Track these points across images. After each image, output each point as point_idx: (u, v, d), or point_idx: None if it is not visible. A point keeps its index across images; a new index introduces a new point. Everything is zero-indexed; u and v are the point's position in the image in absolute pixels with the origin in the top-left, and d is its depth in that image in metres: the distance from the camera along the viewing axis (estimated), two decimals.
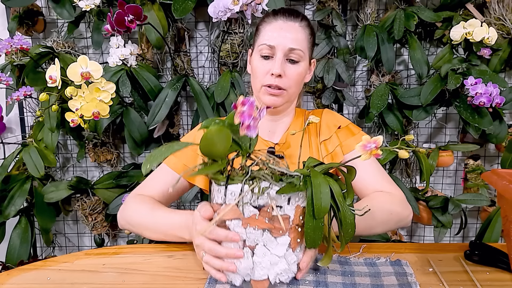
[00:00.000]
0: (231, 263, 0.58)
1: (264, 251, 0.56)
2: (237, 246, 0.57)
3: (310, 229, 0.54)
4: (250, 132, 0.52)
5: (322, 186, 0.53)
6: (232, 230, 0.56)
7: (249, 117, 0.51)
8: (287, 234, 0.56)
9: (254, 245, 0.56)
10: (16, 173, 1.48)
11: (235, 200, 0.55)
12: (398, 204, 0.82)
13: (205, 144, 0.52)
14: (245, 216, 0.55)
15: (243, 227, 0.55)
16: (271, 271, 0.57)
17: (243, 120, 0.51)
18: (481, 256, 0.69)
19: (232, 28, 1.42)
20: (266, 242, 0.56)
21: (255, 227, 0.55)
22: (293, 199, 0.55)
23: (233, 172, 0.58)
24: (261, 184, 0.54)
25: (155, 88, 1.39)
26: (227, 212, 0.56)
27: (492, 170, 0.64)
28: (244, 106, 0.52)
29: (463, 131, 1.53)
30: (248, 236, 0.55)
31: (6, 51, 1.29)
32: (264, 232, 0.55)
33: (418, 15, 1.37)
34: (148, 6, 1.35)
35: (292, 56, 0.87)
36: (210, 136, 0.51)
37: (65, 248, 1.74)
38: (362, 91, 1.60)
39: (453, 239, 1.66)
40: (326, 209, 0.53)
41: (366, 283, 0.62)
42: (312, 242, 0.55)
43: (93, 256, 0.76)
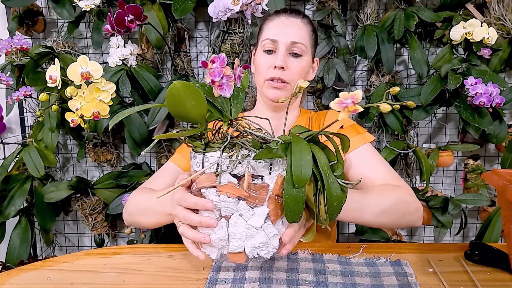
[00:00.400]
0: (205, 234, 0.55)
1: (239, 221, 0.53)
2: (213, 216, 0.54)
3: (290, 199, 0.50)
4: (224, 92, 0.48)
5: (303, 152, 0.49)
6: (208, 198, 0.54)
7: (219, 74, 0.47)
8: (265, 204, 0.53)
9: (229, 215, 0.53)
10: (16, 173, 1.48)
11: (212, 168, 0.52)
12: (405, 194, 0.78)
13: (171, 102, 0.47)
14: (219, 182, 0.52)
15: (217, 195, 0.52)
16: (247, 243, 0.53)
17: (214, 77, 0.48)
18: (481, 256, 0.69)
19: (232, 28, 1.42)
20: (242, 212, 0.52)
21: (228, 195, 0.52)
22: (275, 168, 0.52)
23: (213, 139, 0.55)
24: (241, 152, 0.51)
25: (155, 88, 1.39)
26: (203, 180, 0.53)
27: (492, 170, 0.64)
28: (214, 63, 0.47)
29: (463, 131, 1.53)
30: (222, 204, 0.52)
31: (6, 51, 1.29)
32: (239, 201, 0.52)
33: (418, 15, 1.37)
34: (148, 6, 1.35)
35: (294, 50, 0.88)
36: (175, 92, 0.46)
37: (65, 248, 1.74)
38: (362, 91, 1.60)
39: (453, 239, 1.66)
40: (306, 178, 0.48)
41: (366, 283, 0.62)
42: (292, 214, 0.50)
43: (93, 256, 0.76)
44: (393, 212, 0.76)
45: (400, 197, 0.77)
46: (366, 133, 0.93)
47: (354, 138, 0.91)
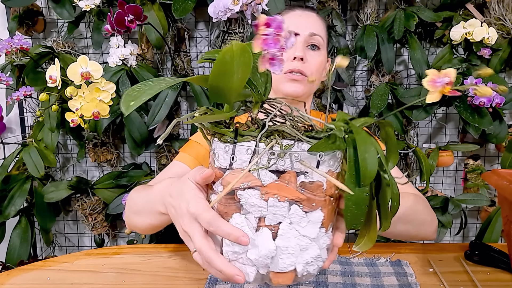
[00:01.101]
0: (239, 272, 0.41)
1: (291, 232, 0.41)
2: (251, 227, 0.41)
3: (351, 201, 0.40)
4: (274, 67, 0.37)
5: (367, 144, 0.39)
6: (244, 205, 0.41)
7: (275, 44, 0.36)
8: (319, 208, 0.42)
9: (276, 223, 0.41)
10: (16, 173, 1.48)
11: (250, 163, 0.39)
12: (423, 205, 0.76)
13: (218, 73, 0.35)
14: (263, 182, 0.40)
15: (263, 198, 0.40)
16: (300, 259, 0.42)
17: (268, 47, 0.36)
18: (481, 256, 0.69)
19: (232, 28, 1.42)
20: (294, 219, 0.41)
21: (280, 198, 0.40)
22: (324, 162, 0.41)
23: (242, 126, 0.43)
24: (284, 142, 0.40)
25: None
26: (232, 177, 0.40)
27: (493, 170, 0.64)
28: (269, 28, 0.35)
29: (463, 131, 1.53)
30: (270, 211, 0.40)
31: (6, 51, 1.29)
32: (292, 205, 0.40)
33: (418, 15, 1.37)
34: (148, 6, 1.35)
35: (312, 41, 0.85)
36: (229, 59, 0.34)
37: (65, 248, 1.74)
38: (362, 91, 1.60)
39: (453, 239, 1.66)
40: (372, 174, 0.39)
41: (367, 283, 0.62)
42: (353, 219, 0.40)
43: (93, 256, 0.75)
44: (410, 221, 0.73)
45: (416, 206, 0.74)
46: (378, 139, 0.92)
47: None
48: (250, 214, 0.41)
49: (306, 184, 0.40)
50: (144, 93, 0.35)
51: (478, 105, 1.22)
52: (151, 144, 1.50)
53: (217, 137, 0.43)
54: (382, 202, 0.43)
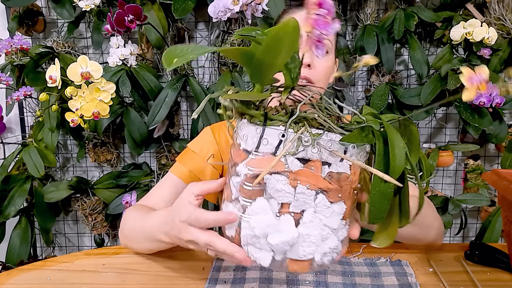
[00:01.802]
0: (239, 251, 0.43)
1: (315, 220, 0.41)
2: (274, 212, 0.41)
3: (377, 195, 0.40)
4: (318, 50, 0.37)
5: (396, 139, 0.40)
6: (269, 190, 0.40)
7: (325, 25, 0.35)
8: (343, 200, 0.42)
9: (300, 211, 0.41)
10: (16, 173, 1.48)
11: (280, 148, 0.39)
12: (431, 209, 0.76)
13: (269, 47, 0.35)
14: (291, 169, 0.39)
15: (291, 185, 0.40)
16: (320, 248, 0.42)
17: (319, 27, 0.35)
18: (481, 256, 0.69)
19: (232, 28, 1.42)
20: (319, 208, 0.41)
21: (309, 186, 0.40)
22: (350, 154, 0.41)
23: (271, 109, 0.43)
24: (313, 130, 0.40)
25: (155, 88, 1.39)
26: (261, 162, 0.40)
27: (493, 170, 0.64)
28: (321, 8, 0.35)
29: (463, 131, 1.53)
30: (297, 198, 0.40)
31: (6, 51, 1.29)
32: (318, 194, 0.40)
33: (418, 15, 1.37)
34: (148, 6, 1.35)
35: None
36: (282, 35, 0.34)
37: (65, 248, 1.74)
38: (362, 91, 1.60)
39: (453, 239, 1.66)
40: (401, 169, 0.40)
41: (367, 283, 0.62)
42: (376, 213, 0.41)
43: (93, 256, 0.75)
44: (417, 223, 0.70)
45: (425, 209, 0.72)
46: None
47: None
48: (273, 199, 0.41)
49: (334, 175, 0.40)
50: (188, 53, 0.35)
51: (478, 105, 1.22)
52: (151, 144, 1.50)
53: (246, 118, 0.42)
54: (404, 199, 0.43)
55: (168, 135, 1.53)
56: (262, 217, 0.41)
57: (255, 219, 0.41)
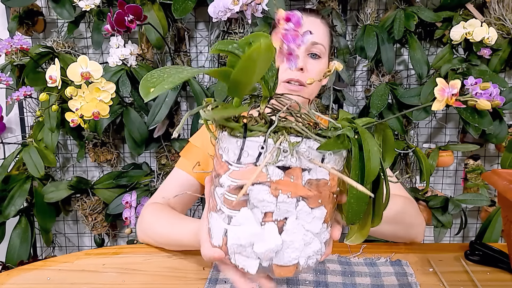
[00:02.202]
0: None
1: (297, 227, 0.42)
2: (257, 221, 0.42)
3: (354, 198, 0.42)
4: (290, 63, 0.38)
5: (371, 143, 0.41)
6: (252, 200, 0.42)
7: (294, 39, 0.36)
8: (323, 204, 0.43)
9: (283, 219, 0.42)
10: (16, 173, 1.48)
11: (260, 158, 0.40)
12: (412, 208, 0.77)
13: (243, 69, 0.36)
14: (272, 178, 0.40)
15: (273, 194, 0.41)
16: (303, 253, 0.43)
17: (287, 42, 0.36)
18: (481, 256, 0.69)
19: (232, 28, 1.42)
20: (301, 215, 0.42)
21: (289, 195, 0.41)
22: (330, 161, 0.42)
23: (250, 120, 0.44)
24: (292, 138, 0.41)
25: None
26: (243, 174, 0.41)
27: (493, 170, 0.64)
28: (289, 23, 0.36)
29: (463, 131, 1.53)
30: (278, 207, 0.41)
31: (6, 51, 1.29)
32: (299, 201, 0.41)
33: (418, 15, 1.37)
34: (148, 6, 1.35)
35: (313, 50, 0.84)
36: (256, 56, 0.35)
37: (65, 248, 1.74)
38: (362, 91, 1.60)
39: (453, 239, 1.66)
40: (376, 172, 0.41)
41: (367, 283, 0.62)
42: (353, 215, 0.43)
43: (93, 256, 0.75)
44: (398, 222, 0.74)
45: (406, 208, 0.76)
46: None
47: None
48: (256, 208, 0.42)
49: (313, 181, 0.41)
50: (165, 81, 0.35)
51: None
52: (151, 144, 1.50)
53: (227, 131, 0.43)
54: (378, 199, 0.45)
55: (168, 135, 1.53)
56: (246, 227, 0.42)
57: (240, 229, 0.42)
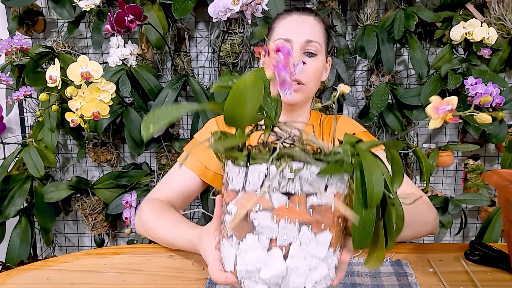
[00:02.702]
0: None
1: (301, 252, 0.43)
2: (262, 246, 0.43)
3: (359, 222, 0.42)
4: (284, 92, 0.39)
5: (372, 166, 0.42)
6: (257, 226, 0.43)
7: (285, 69, 0.38)
8: (328, 229, 0.44)
9: (287, 244, 0.43)
10: (16, 173, 1.48)
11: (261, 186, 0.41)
12: (423, 204, 0.76)
13: (233, 102, 0.37)
14: (275, 206, 0.42)
15: (274, 221, 0.42)
16: (309, 278, 0.44)
17: (279, 72, 0.38)
18: (481, 256, 0.69)
19: (232, 28, 1.42)
20: (304, 240, 0.43)
21: (291, 221, 0.42)
22: (331, 185, 0.43)
23: (254, 148, 0.45)
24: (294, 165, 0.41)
25: (155, 88, 1.39)
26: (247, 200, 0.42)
27: (493, 170, 0.64)
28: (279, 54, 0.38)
29: (463, 131, 1.53)
30: (281, 232, 0.42)
31: (6, 51, 1.29)
32: (301, 226, 0.42)
33: (418, 15, 1.37)
34: (148, 6, 1.35)
35: (309, 49, 0.84)
36: (243, 89, 0.36)
37: (65, 248, 1.74)
38: (362, 91, 1.60)
39: (453, 239, 1.66)
40: (379, 195, 0.41)
41: (367, 283, 0.62)
42: (361, 240, 0.42)
43: (93, 256, 0.75)
44: (412, 224, 0.73)
45: (418, 208, 0.75)
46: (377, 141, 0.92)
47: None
48: (262, 234, 0.42)
49: (315, 207, 0.42)
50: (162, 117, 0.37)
51: (478, 105, 1.22)
52: (151, 144, 1.50)
53: (230, 160, 0.44)
54: (388, 222, 0.45)
55: (168, 135, 1.53)
56: (253, 253, 0.43)
57: (247, 255, 0.43)
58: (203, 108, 0.42)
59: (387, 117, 1.42)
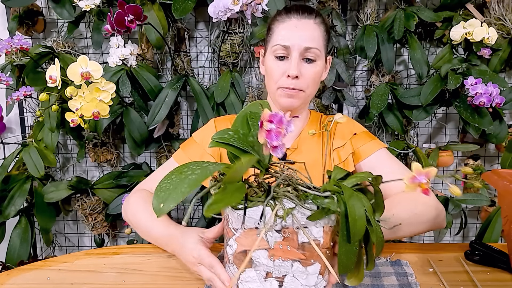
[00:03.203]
0: None
1: (294, 283, 0.50)
2: (261, 277, 0.51)
3: (344, 254, 0.48)
4: (276, 153, 0.44)
5: (356, 206, 0.47)
6: (255, 262, 0.50)
7: (277, 137, 0.43)
8: (317, 261, 0.51)
9: (282, 276, 0.50)
10: (16, 173, 1.48)
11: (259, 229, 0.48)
12: (423, 202, 0.76)
13: (232, 177, 0.44)
14: (270, 245, 0.49)
15: (271, 259, 0.49)
16: None
17: (271, 141, 0.43)
18: (481, 256, 0.69)
19: (232, 28, 1.42)
20: (296, 273, 0.50)
21: (284, 259, 0.49)
22: (322, 221, 0.50)
23: (250, 191, 0.51)
24: (287, 205, 0.48)
25: (155, 88, 1.39)
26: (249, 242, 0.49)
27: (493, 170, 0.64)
28: (271, 124, 0.43)
29: (463, 131, 1.53)
30: (276, 268, 0.50)
31: (6, 51, 1.29)
32: (294, 262, 0.50)
33: (418, 15, 1.37)
34: (148, 6, 1.35)
35: (308, 55, 0.83)
36: (240, 169, 0.43)
37: (65, 248, 1.74)
38: (362, 91, 1.60)
39: (453, 239, 1.66)
40: (361, 232, 0.47)
41: (367, 283, 0.62)
42: (344, 268, 0.49)
43: (93, 256, 0.75)
44: (414, 224, 0.74)
45: (418, 208, 0.75)
46: (377, 140, 0.91)
47: (371, 143, 0.88)
48: (259, 267, 0.50)
49: (305, 245, 0.49)
50: (170, 196, 0.42)
51: (478, 105, 1.22)
52: (151, 144, 1.50)
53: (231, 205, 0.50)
54: (369, 249, 0.52)
55: (168, 135, 1.53)
56: (252, 284, 0.51)
57: (247, 285, 0.51)
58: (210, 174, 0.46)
59: (387, 117, 1.42)
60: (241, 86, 1.40)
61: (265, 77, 0.91)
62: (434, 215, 0.76)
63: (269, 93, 0.91)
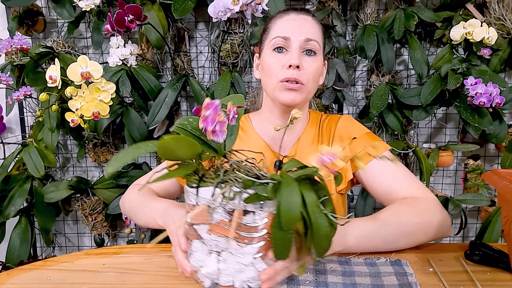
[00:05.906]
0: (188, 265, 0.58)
1: (229, 258, 0.54)
2: (205, 249, 0.56)
3: (278, 240, 0.52)
4: (217, 138, 0.50)
5: (292, 194, 0.49)
6: (199, 234, 0.55)
7: (212, 122, 0.49)
8: (255, 242, 0.54)
9: (220, 250, 0.55)
10: (16, 173, 1.48)
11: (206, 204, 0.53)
12: (422, 212, 0.74)
13: (162, 153, 0.49)
14: (213, 222, 0.53)
15: (208, 233, 0.54)
16: (237, 278, 0.55)
17: (206, 126, 0.49)
18: (481, 256, 0.69)
19: (232, 28, 1.42)
20: (232, 249, 0.54)
21: (218, 234, 0.54)
22: (266, 206, 0.53)
23: (207, 172, 0.56)
24: (234, 189, 0.51)
25: (155, 88, 1.39)
26: (197, 215, 0.54)
27: (493, 170, 0.64)
28: (207, 110, 0.48)
29: (463, 131, 1.53)
30: (213, 243, 0.54)
31: (6, 51, 1.29)
32: (229, 240, 0.53)
33: (418, 15, 1.37)
34: (148, 6, 1.35)
35: (308, 47, 0.81)
36: (166, 145, 0.47)
37: (65, 248, 1.74)
38: (362, 91, 1.60)
39: (453, 239, 1.66)
40: (295, 221, 0.49)
41: (366, 283, 0.62)
42: (279, 253, 0.53)
43: (93, 256, 0.75)
44: (414, 235, 0.72)
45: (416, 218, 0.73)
46: (382, 141, 0.88)
47: (370, 149, 0.85)
48: (203, 240, 0.55)
49: (241, 225, 0.53)
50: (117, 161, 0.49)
51: (478, 105, 1.22)
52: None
53: (187, 183, 0.56)
54: (313, 238, 0.53)
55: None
56: (198, 254, 0.57)
57: (193, 255, 0.58)
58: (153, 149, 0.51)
59: (387, 117, 1.42)
60: (241, 86, 1.40)
61: (262, 76, 0.88)
62: (437, 224, 0.74)
63: (268, 92, 0.87)
